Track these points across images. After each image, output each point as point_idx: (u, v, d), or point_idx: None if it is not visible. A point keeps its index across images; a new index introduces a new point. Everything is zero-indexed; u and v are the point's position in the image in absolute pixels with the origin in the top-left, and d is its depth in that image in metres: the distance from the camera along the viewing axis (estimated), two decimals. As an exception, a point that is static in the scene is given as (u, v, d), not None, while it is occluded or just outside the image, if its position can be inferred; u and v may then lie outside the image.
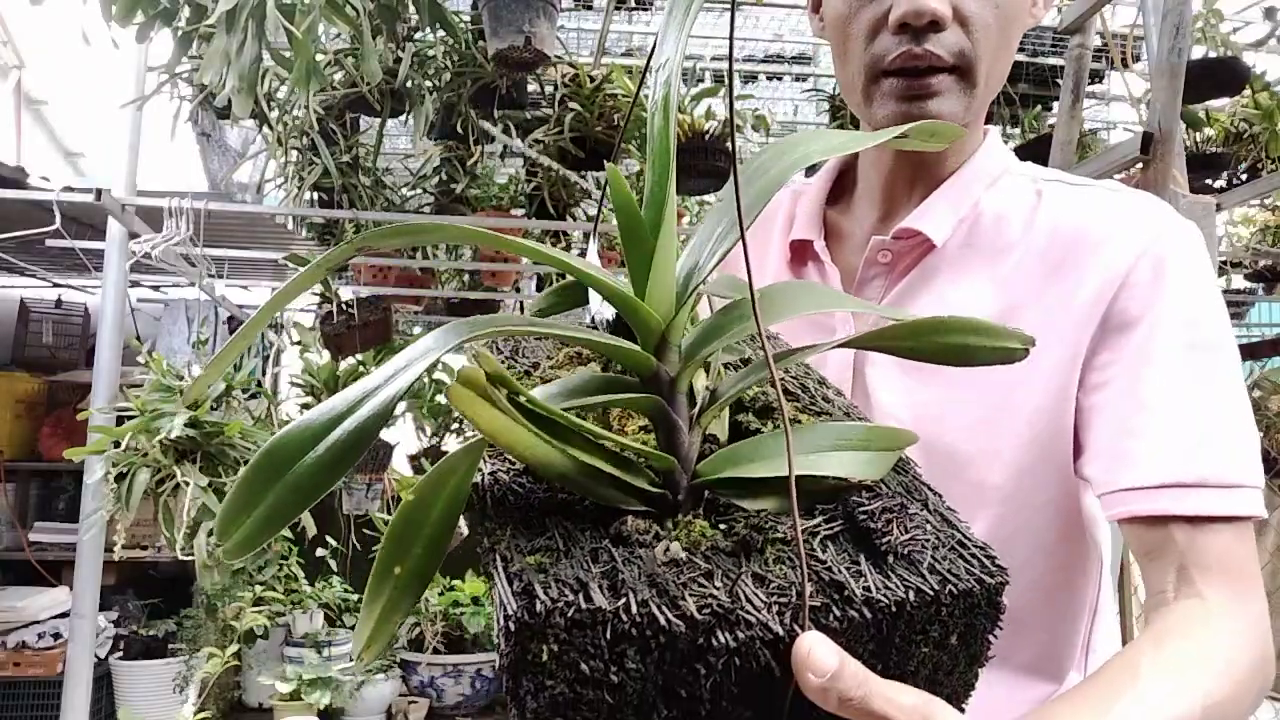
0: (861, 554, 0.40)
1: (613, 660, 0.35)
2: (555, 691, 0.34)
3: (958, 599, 0.38)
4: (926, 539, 0.41)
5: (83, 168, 4.62)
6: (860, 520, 0.42)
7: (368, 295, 3.02)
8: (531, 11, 2.15)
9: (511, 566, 0.37)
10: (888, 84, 0.74)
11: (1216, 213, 2.04)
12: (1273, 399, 3.15)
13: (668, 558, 0.38)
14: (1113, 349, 0.72)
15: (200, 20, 1.90)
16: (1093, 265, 0.73)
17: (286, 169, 2.75)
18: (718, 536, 0.40)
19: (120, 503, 1.91)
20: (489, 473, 0.44)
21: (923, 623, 0.38)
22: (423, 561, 0.40)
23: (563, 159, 2.78)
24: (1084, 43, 1.89)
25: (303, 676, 3.17)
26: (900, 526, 0.41)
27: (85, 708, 2.42)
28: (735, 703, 0.36)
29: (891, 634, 0.38)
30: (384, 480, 3.54)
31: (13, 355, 4.11)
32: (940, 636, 0.39)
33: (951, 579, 0.38)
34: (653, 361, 0.43)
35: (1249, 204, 3.56)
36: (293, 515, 0.37)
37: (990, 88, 0.76)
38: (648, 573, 0.37)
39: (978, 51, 0.73)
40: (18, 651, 3.26)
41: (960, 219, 0.78)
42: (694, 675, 0.35)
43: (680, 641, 0.35)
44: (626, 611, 0.35)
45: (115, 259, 2.50)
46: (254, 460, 0.38)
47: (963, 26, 0.72)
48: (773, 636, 0.36)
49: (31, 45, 3.89)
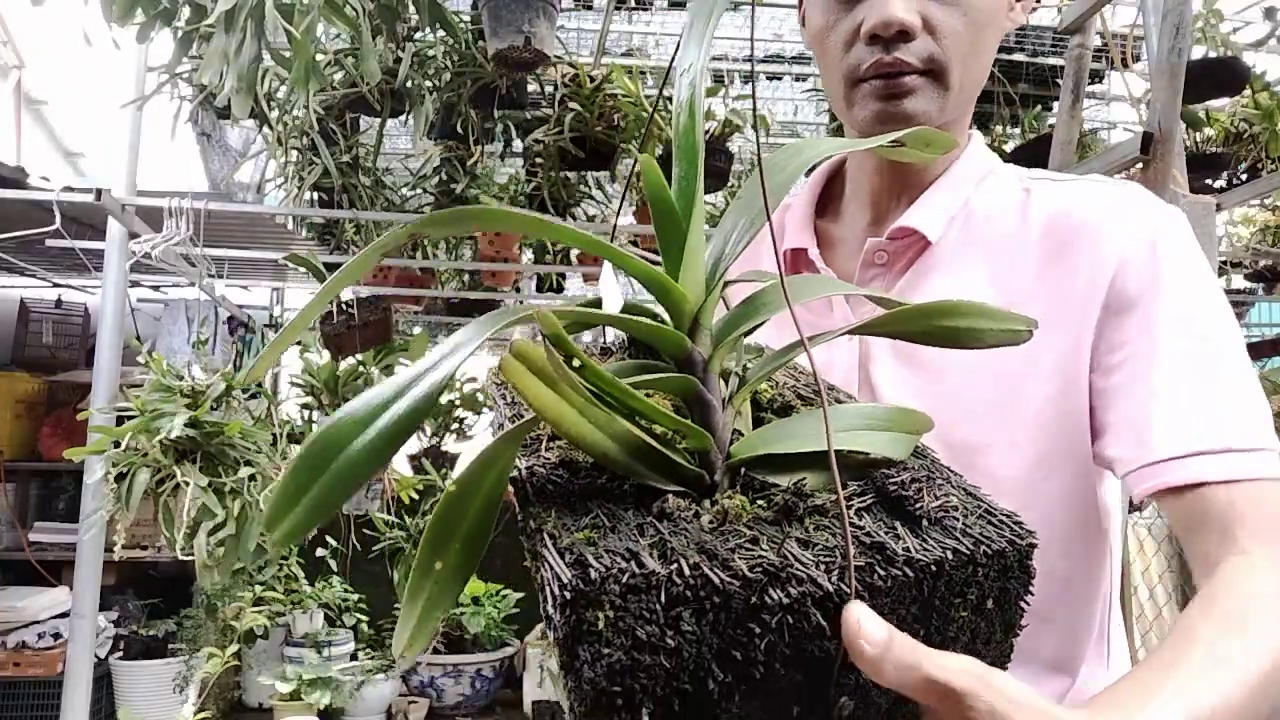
0: (897, 521, 0.41)
1: (668, 624, 0.35)
2: (612, 659, 0.34)
3: (992, 559, 0.39)
4: (956, 506, 0.42)
5: (83, 168, 4.62)
6: (891, 490, 0.43)
7: (368, 295, 3.02)
8: (531, 11, 2.15)
9: (560, 542, 0.37)
10: (865, 87, 0.78)
11: (1216, 213, 2.04)
12: (1273, 399, 3.15)
13: (713, 526, 0.39)
14: (1120, 330, 0.73)
15: (200, 20, 1.90)
16: (1088, 251, 0.75)
17: (286, 169, 2.75)
18: (759, 508, 0.41)
19: (120, 503, 1.91)
20: (525, 467, 0.45)
21: (960, 584, 0.39)
22: (462, 557, 0.40)
23: (563, 159, 2.78)
24: (1084, 43, 1.89)
25: (303, 676, 3.17)
26: (930, 494, 0.42)
27: (85, 708, 2.42)
28: (788, 665, 0.37)
29: (932, 596, 0.39)
30: (384, 480, 3.54)
31: (13, 355, 4.11)
32: (977, 600, 0.40)
33: (984, 540, 0.40)
34: (687, 343, 0.44)
35: (1249, 204, 3.56)
36: (340, 502, 0.38)
37: (966, 90, 0.79)
38: (695, 541, 0.38)
39: (948, 56, 0.76)
40: (18, 651, 3.26)
41: (952, 217, 0.81)
42: (748, 636, 0.36)
43: (734, 601, 0.36)
44: (680, 575, 0.35)
45: (115, 259, 2.50)
46: (303, 450, 0.38)
47: (932, 34, 0.76)
48: (823, 593, 0.36)
49: (31, 45, 3.89)
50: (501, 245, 3.07)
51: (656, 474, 0.42)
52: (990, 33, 0.79)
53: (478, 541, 0.40)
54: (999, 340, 0.46)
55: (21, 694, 3.25)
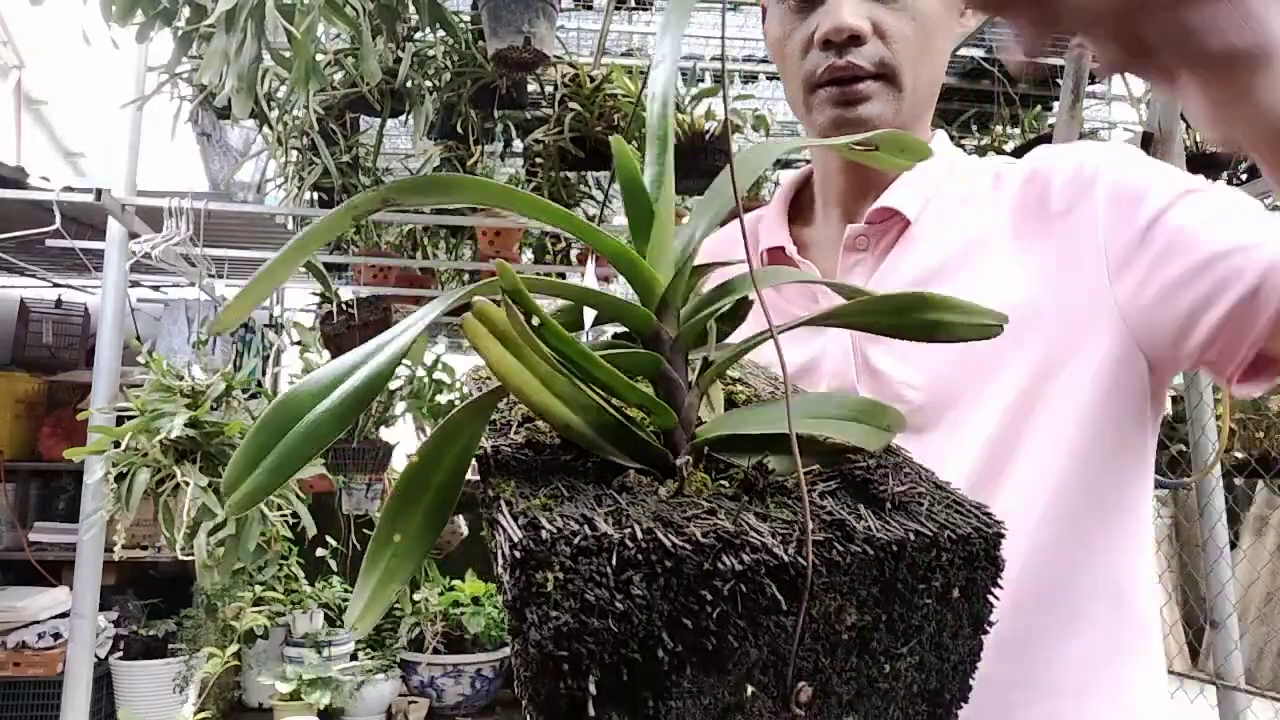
0: (860, 504, 0.41)
1: (618, 588, 0.35)
2: (560, 622, 0.34)
3: (957, 544, 0.39)
4: (923, 494, 0.42)
5: (83, 168, 4.63)
6: (856, 476, 0.43)
7: (368, 295, 3.02)
8: (531, 12, 2.15)
9: (515, 508, 0.37)
10: (822, 93, 0.81)
11: (1216, 213, 2.04)
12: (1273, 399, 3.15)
13: (671, 498, 0.39)
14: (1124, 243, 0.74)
15: (200, 20, 1.90)
16: (1055, 192, 0.79)
17: (286, 169, 2.75)
18: (720, 486, 0.41)
19: (120, 503, 1.91)
20: (490, 447, 0.45)
21: (924, 569, 0.38)
22: (422, 529, 0.40)
23: (563, 159, 2.78)
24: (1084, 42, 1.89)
25: (303, 676, 3.17)
26: (896, 481, 0.42)
27: (85, 708, 2.42)
28: (742, 640, 0.36)
29: (894, 578, 0.38)
30: (384, 480, 3.54)
31: (13, 355, 4.11)
32: (943, 588, 0.39)
33: (949, 526, 0.39)
34: (654, 319, 0.45)
35: (1249, 204, 3.55)
36: (301, 463, 0.38)
37: (920, 93, 0.83)
38: (652, 510, 0.38)
39: (898, 60, 0.80)
40: (18, 651, 3.26)
41: (927, 198, 0.83)
42: (700, 603, 0.35)
43: (686, 566, 0.35)
44: (632, 539, 0.35)
45: (115, 259, 2.50)
46: (266, 413, 0.39)
47: (882, 39, 0.79)
48: (777, 563, 0.36)
49: (31, 45, 3.89)
50: (501, 245, 3.07)
51: (619, 451, 0.42)
52: (940, 37, 0.83)
53: (438, 515, 0.40)
54: (971, 335, 0.46)
55: (21, 694, 3.25)
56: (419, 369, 3.20)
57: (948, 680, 0.41)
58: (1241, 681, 2.30)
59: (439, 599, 3.48)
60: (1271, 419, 3.08)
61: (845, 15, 0.78)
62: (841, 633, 0.38)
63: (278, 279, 0.45)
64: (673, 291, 0.46)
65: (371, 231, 3.36)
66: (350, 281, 3.35)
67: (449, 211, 3.05)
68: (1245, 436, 3.11)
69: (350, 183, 2.79)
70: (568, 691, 0.35)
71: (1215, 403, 2.32)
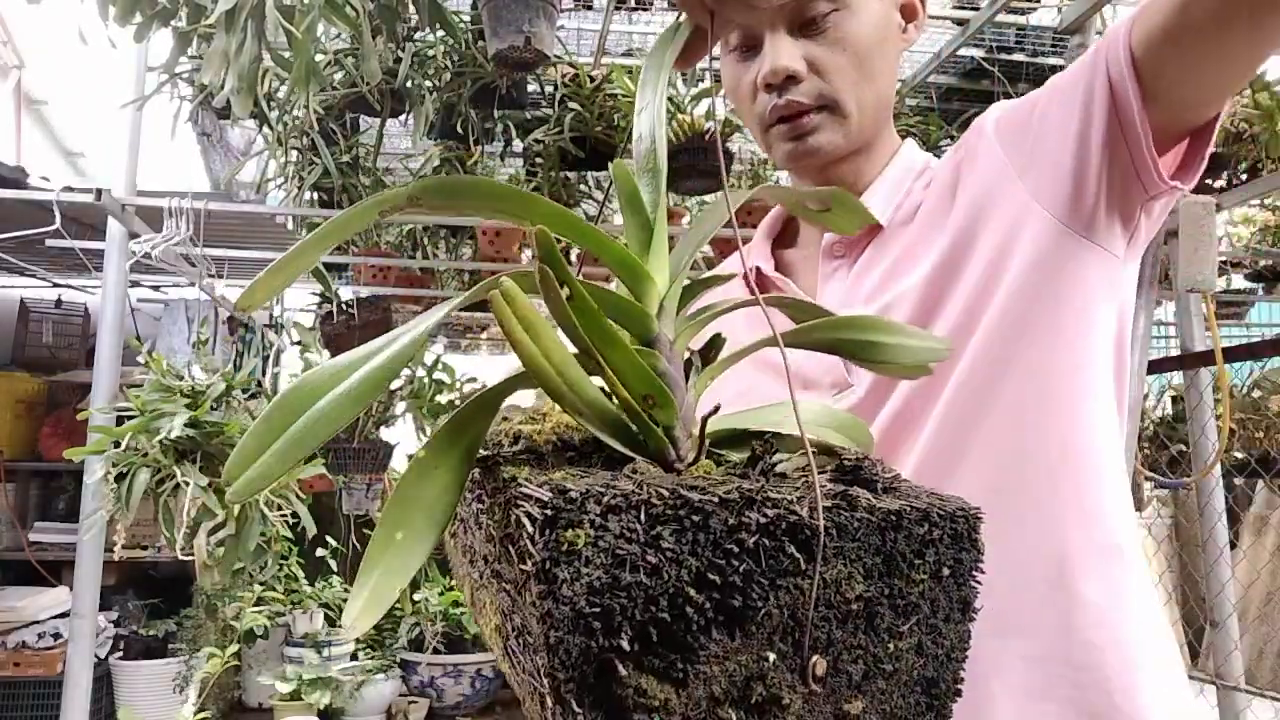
0: (856, 486, 0.43)
1: (649, 543, 0.36)
2: (593, 577, 0.35)
3: (945, 520, 0.41)
4: (906, 482, 0.45)
5: (83, 168, 4.63)
6: (849, 465, 0.46)
7: (368, 295, 3.02)
8: (531, 12, 2.15)
9: (536, 482, 0.38)
10: (775, 130, 0.88)
11: (1216, 213, 2.04)
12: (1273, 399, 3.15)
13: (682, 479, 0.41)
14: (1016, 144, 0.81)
15: (199, 20, 1.90)
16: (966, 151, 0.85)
17: (286, 169, 2.75)
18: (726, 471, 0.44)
19: (120, 503, 1.91)
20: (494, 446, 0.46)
21: (919, 543, 0.41)
22: (425, 527, 0.40)
23: (563, 159, 2.78)
24: (1084, 42, 1.89)
25: (303, 676, 3.17)
26: (885, 470, 0.46)
27: (85, 708, 2.42)
28: (764, 596, 0.38)
29: (894, 551, 0.40)
30: (384, 480, 3.54)
31: (13, 355, 4.11)
32: (935, 565, 0.41)
33: (937, 504, 0.42)
34: (654, 321, 0.47)
35: (1249, 204, 3.56)
36: (315, 445, 0.38)
37: (868, 113, 0.88)
38: (671, 481, 0.39)
39: (836, 91, 0.85)
40: (18, 651, 3.26)
41: (897, 204, 0.88)
42: (726, 558, 0.37)
43: (713, 520, 0.37)
44: (659, 496, 0.36)
45: (115, 259, 2.50)
46: (276, 399, 0.39)
47: (819, 74, 0.85)
48: (797, 519, 0.38)
49: (31, 45, 3.89)
50: (502, 245, 3.07)
51: (624, 441, 0.44)
52: (878, 59, 0.87)
53: (442, 513, 0.40)
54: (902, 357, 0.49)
55: (21, 694, 3.24)
56: (419, 369, 3.21)
57: (942, 669, 0.43)
58: (1241, 681, 2.30)
59: (439, 599, 3.48)
60: (1271, 419, 3.08)
61: (780, 58, 0.83)
62: (851, 602, 0.40)
63: (303, 265, 0.45)
64: (669, 298, 0.48)
65: (371, 231, 3.36)
66: (350, 281, 3.35)
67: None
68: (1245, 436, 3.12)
69: (350, 183, 2.79)
70: (599, 652, 0.35)
71: (1215, 403, 2.32)
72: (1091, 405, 0.80)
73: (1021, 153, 0.80)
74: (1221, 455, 2.29)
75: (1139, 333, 1.92)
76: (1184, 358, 2.30)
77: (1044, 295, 0.78)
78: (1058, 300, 0.78)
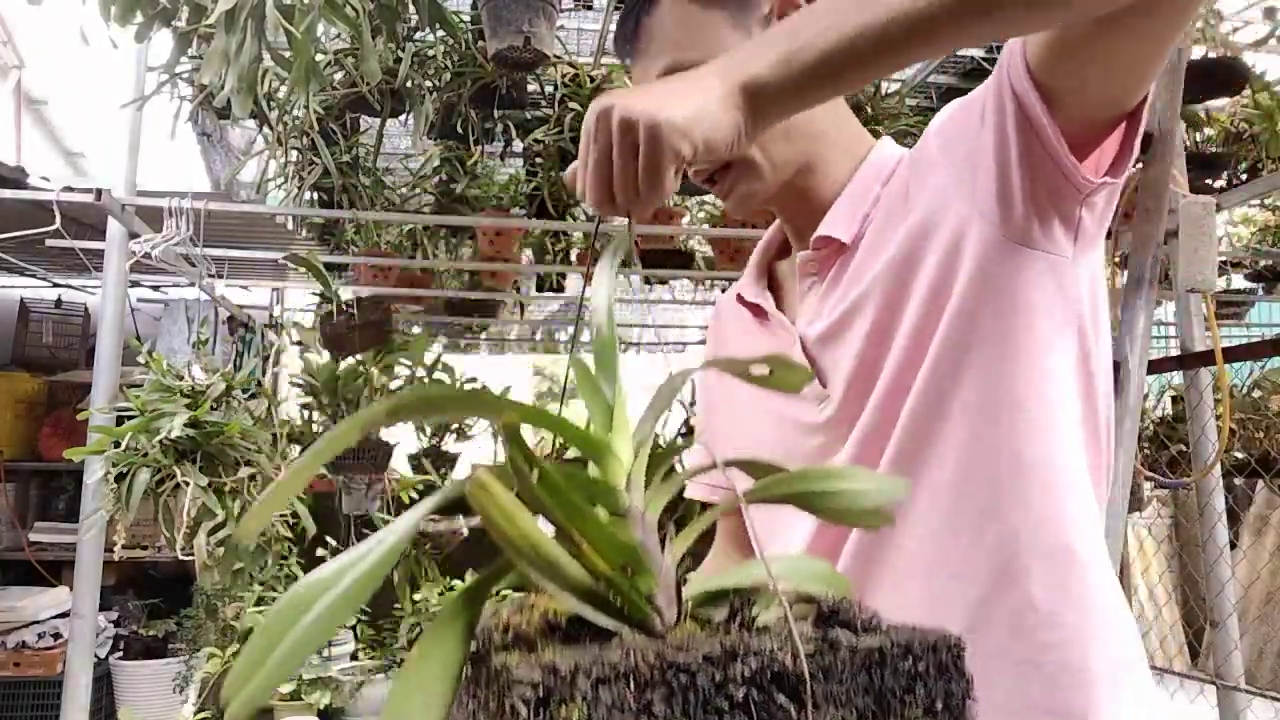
0: (836, 627, 0.44)
1: (641, 709, 0.37)
2: None
3: (928, 650, 0.42)
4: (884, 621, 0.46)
5: (83, 168, 4.63)
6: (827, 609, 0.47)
7: (368, 295, 3.02)
8: (531, 12, 2.15)
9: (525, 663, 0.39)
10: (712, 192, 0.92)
11: (1216, 213, 2.04)
12: (1273, 399, 3.15)
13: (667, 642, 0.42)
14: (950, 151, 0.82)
15: (200, 20, 1.90)
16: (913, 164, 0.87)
17: (286, 169, 2.75)
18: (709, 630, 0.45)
19: (120, 503, 1.91)
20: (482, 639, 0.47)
21: (906, 677, 0.41)
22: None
23: (563, 159, 2.78)
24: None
25: (303, 676, 3.17)
26: (863, 612, 0.46)
27: (85, 708, 2.42)
28: None
29: (884, 690, 0.41)
30: (384, 480, 3.54)
31: (13, 355, 4.11)
32: (928, 702, 0.42)
33: (918, 635, 0.43)
34: (625, 498, 0.48)
35: (1249, 204, 3.56)
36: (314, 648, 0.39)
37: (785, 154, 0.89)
38: (656, 646, 0.40)
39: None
40: (18, 651, 3.26)
41: (865, 215, 0.88)
42: (718, 714, 0.38)
43: (699, 678, 0.37)
44: (646, 663, 0.37)
45: (115, 259, 2.50)
46: (265, 620, 0.39)
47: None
48: (781, 668, 0.38)
49: (31, 45, 3.89)
50: (501, 245, 3.07)
51: (607, 614, 0.45)
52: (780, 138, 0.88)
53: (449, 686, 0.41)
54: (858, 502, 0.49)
55: (21, 694, 3.25)
56: (419, 369, 3.21)
57: None
58: (1241, 681, 2.30)
59: (439, 599, 3.48)
60: (1271, 419, 3.08)
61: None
62: None
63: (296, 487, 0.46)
64: (635, 472, 0.50)
65: (371, 231, 3.36)
66: (350, 281, 3.35)
67: (449, 211, 3.05)
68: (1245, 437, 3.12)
69: (350, 182, 2.79)
70: None
71: (1215, 403, 2.32)
72: (1050, 416, 0.80)
73: (955, 165, 0.81)
74: (1221, 455, 2.29)
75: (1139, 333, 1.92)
76: (1184, 358, 2.30)
77: (988, 306, 0.78)
78: (1003, 311, 0.78)
